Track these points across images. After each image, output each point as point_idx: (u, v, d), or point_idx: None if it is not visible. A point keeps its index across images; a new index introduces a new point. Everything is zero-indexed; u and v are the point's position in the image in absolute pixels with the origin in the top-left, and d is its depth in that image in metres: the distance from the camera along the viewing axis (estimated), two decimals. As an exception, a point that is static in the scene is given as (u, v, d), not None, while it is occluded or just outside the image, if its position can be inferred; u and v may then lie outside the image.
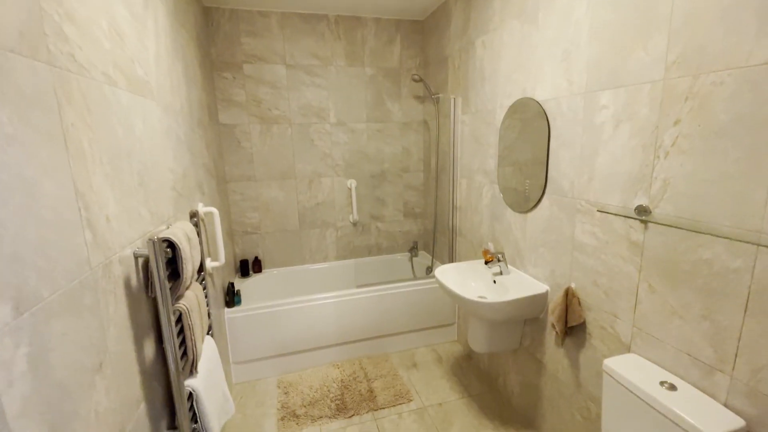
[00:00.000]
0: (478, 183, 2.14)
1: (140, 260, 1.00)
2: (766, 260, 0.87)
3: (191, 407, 1.10)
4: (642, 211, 1.15)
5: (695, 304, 1.03)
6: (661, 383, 1.06)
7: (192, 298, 1.13)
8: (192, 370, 1.12)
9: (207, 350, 1.27)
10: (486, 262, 1.95)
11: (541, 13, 1.54)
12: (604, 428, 1.21)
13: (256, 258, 2.72)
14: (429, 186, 2.93)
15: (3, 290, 0.54)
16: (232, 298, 2.17)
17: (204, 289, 1.44)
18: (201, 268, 1.44)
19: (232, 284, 2.19)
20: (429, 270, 2.81)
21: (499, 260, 1.83)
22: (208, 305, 1.47)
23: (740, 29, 0.89)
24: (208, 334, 1.44)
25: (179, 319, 1.08)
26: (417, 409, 1.99)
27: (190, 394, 1.10)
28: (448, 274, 1.92)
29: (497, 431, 1.81)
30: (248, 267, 2.68)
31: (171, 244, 1.04)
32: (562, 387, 1.60)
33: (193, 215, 1.39)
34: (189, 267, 1.08)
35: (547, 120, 1.54)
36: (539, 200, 1.63)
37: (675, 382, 1.06)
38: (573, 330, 1.50)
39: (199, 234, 1.38)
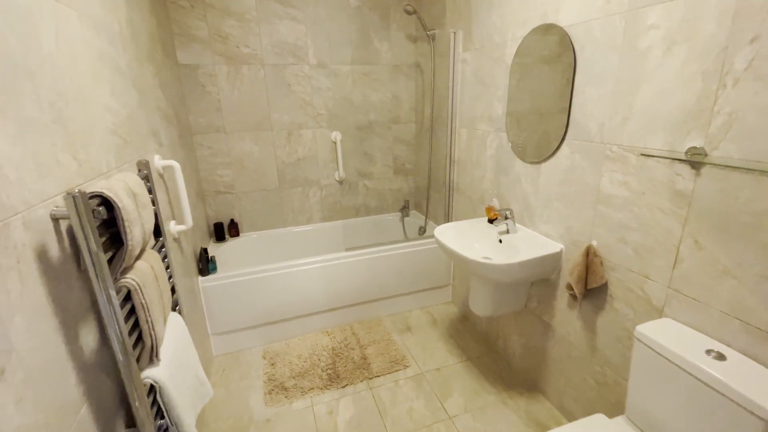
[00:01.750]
0: (482, 132, 1.90)
1: (63, 223, 0.74)
2: None
3: (155, 401, 0.91)
4: (695, 154, 0.96)
5: (755, 263, 0.88)
6: (707, 352, 0.93)
7: (145, 270, 0.89)
8: (152, 358, 0.90)
9: (172, 330, 1.05)
10: (490, 221, 1.77)
11: None
12: (630, 399, 1.10)
13: (232, 221, 2.45)
14: (422, 139, 2.67)
15: None
16: (206, 265, 1.93)
17: (165, 258, 1.20)
18: (159, 232, 1.18)
19: (205, 250, 1.94)
20: (422, 230, 2.63)
21: (506, 218, 1.65)
22: (171, 277, 1.23)
23: None
24: (174, 310, 1.22)
25: (128, 298, 0.85)
26: (414, 375, 1.88)
27: (153, 386, 0.89)
28: (448, 234, 1.73)
29: (500, 395, 1.73)
30: (223, 231, 2.41)
31: (106, 201, 0.78)
32: (572, 350, 1.49)
33: (142, 167, 1.11)
34: (136, 231, 0.83)
35: (573, 50, 1.29)
36: (558, 147, 1.42)
37: (723, 351, 0.93)
38: (591, 292, 1.36)
39: (151, 191, 1.11)
